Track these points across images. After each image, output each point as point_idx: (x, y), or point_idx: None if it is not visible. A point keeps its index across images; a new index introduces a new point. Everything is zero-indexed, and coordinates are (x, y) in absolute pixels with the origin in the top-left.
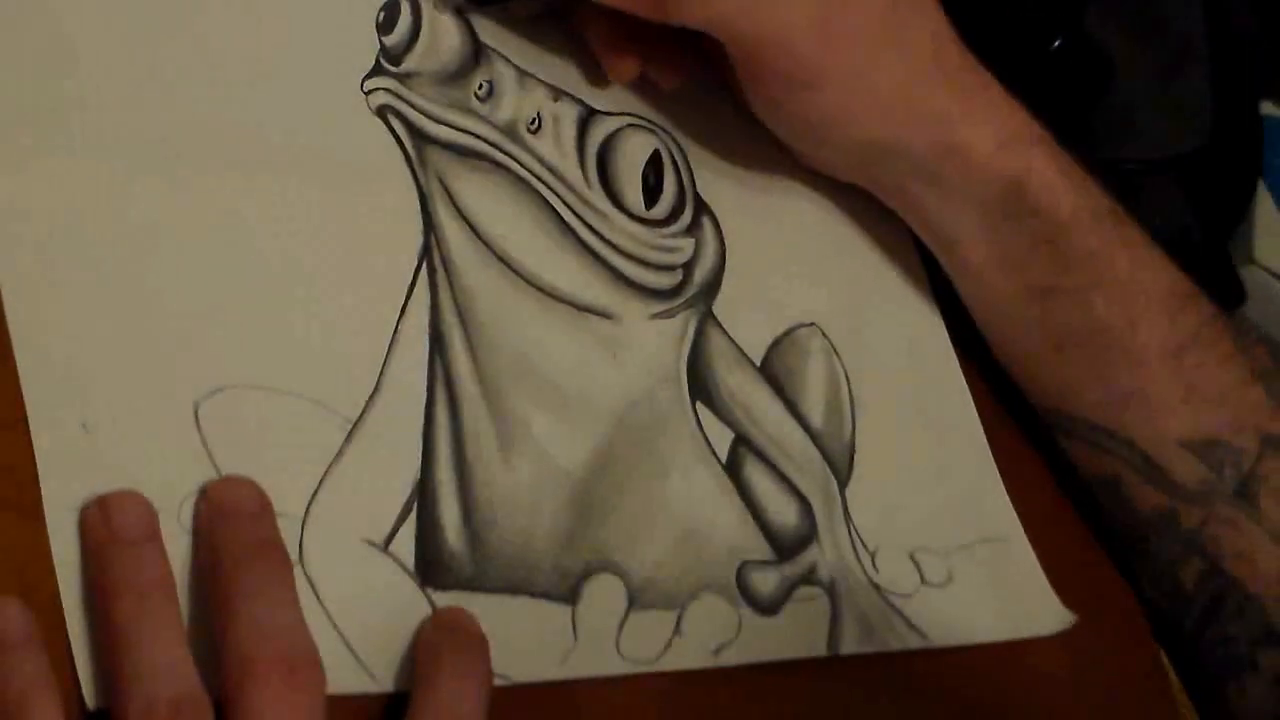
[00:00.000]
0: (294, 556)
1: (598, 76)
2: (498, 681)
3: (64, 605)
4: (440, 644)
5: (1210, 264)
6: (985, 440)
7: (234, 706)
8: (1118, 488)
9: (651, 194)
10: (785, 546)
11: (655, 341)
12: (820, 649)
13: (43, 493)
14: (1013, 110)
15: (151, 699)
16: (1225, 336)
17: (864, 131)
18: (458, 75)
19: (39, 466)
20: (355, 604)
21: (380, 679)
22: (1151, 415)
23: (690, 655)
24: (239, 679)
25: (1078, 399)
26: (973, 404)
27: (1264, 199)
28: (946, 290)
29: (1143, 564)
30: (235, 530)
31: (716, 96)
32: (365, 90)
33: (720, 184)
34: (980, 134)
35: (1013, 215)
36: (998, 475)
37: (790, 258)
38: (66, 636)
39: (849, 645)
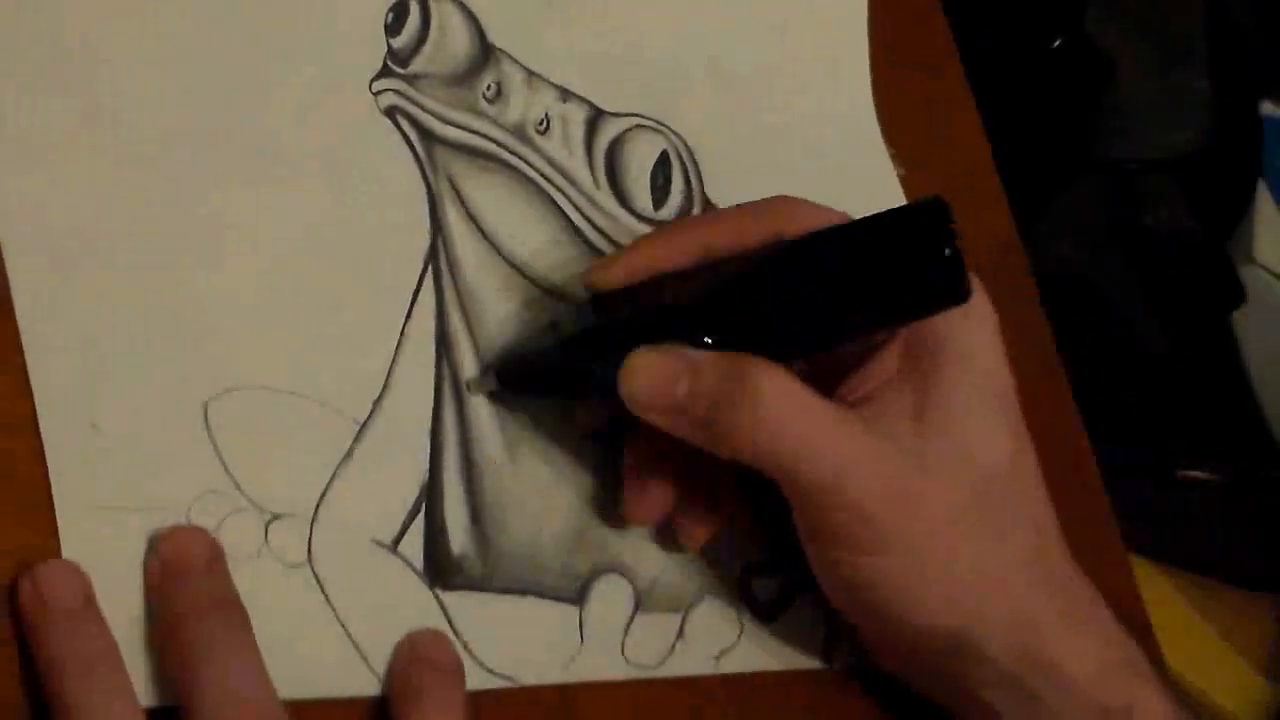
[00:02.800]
0: (303, 557)
1: (609, 75)
2: (501, 684)
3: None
4: (420, 679)
5: (1210, 264)
6: None
7: None
8: None
9: (659, 195)
10: (787, 551)
11: None
12: (816, 659)
13: (53, 493)
14: (1119, 634)
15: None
16: None
17: (931, 617)
18: (466, 76)
19: (49, 467)
20: (363, 604)
21: (388, 680)
22: None
23: (692, 661)
24: None
25: None
26: None
27: (1264, 199)
28: None
29: None
30: (188, 588)
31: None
32: (374, 91)
33: (728, 185)
34: (1080, 652)
35: None
36: None
37: None
38: None
39: (842, 657)
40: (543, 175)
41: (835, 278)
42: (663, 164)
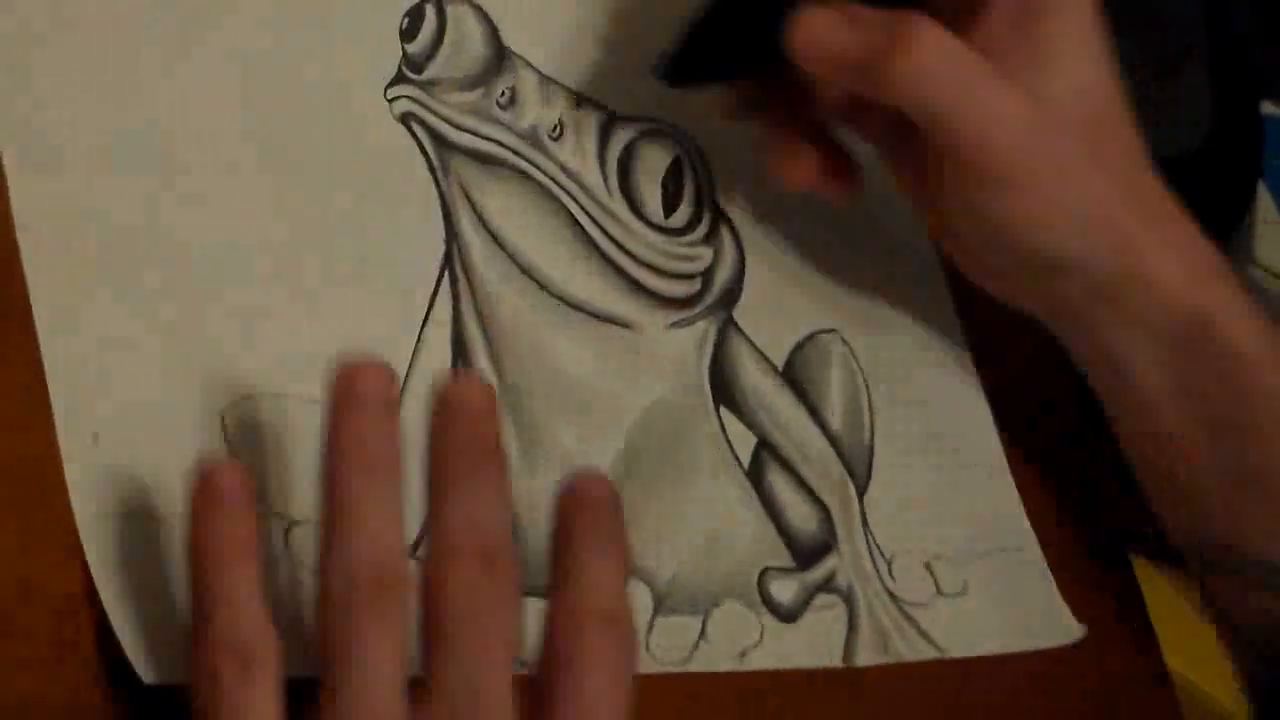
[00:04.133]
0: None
1: (622, 81)
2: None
3: (106, 608)
4: (589, 629)
5: None
6: (1001, 450)
7: (432, 586)
8: None
9: (670, 202)
10: (805, 554)
11: (675, 349)
12: (836, 658)
13: (71, 501)
14: (1203, 244)
15: (356, 567)
16: None
17: (1054, 242)
18: (480, 82)
19: (66, 474)
20: None
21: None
22: None
23: (717, 659)
24: (440, 561)
25: (1255, 538)
26: (990, 414)
27: (1264, 199)
28: (965, 300)
29: None
30: (461, 427)
31: None
32: (388, 98)
33: (740, 192)
34: (1170, 263)
35: (1197, 348)
36: (1013, 485)
37: (810, 266)
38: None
39: (864, 657)
40: (555, 181)
41: None
42: (675, 170)
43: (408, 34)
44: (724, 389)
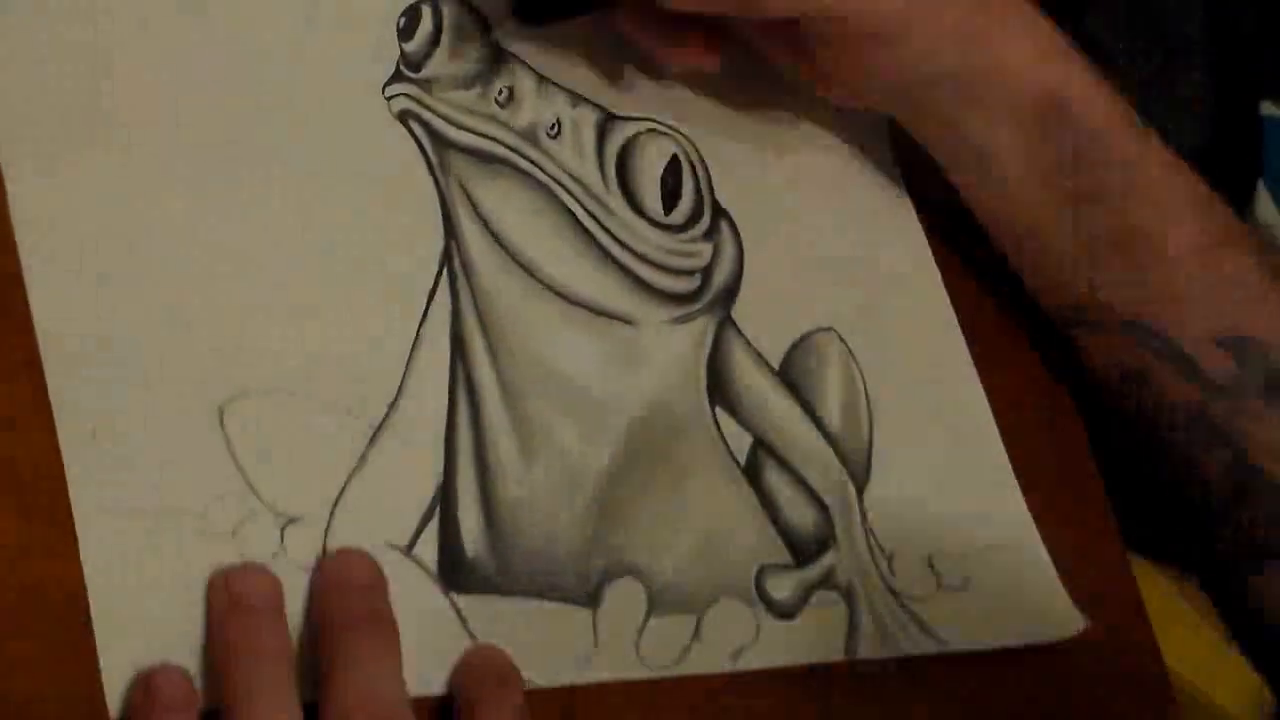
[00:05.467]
0: (317, 559)
1: (620, 79)
2: None
3: (92, 611)
4: (484, 690)
5: None
6: (1001, 444)
7: None
8: (1146, 380)
9: (670, 199)
10: (803, 550)
11: (674, 346)
12: (838, 654)
13: (70, 497)
14: (1045, 26)
15: None
16: (1247, 238)
17: (928, 68)
18: (478, 81)
19: (66, 470)
20: None
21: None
22: (1183, 311)
23: (709, 660)
24: None
25: (1110, 295)
26: (989, 408)
27: (1264, 199)
28: (966, 301)
29: (1167, 455)
30: (346, 601)
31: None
32: (386, 96)
33: (738, 189)
34: (1018, 49)
35: (1051, 125)
36: (1014, 479)
37: (808, 263)
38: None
39: (866, 650)
40: (554, 179)
41: None
42: (673, 168)
43: (405, 33)
44: (720, 388)
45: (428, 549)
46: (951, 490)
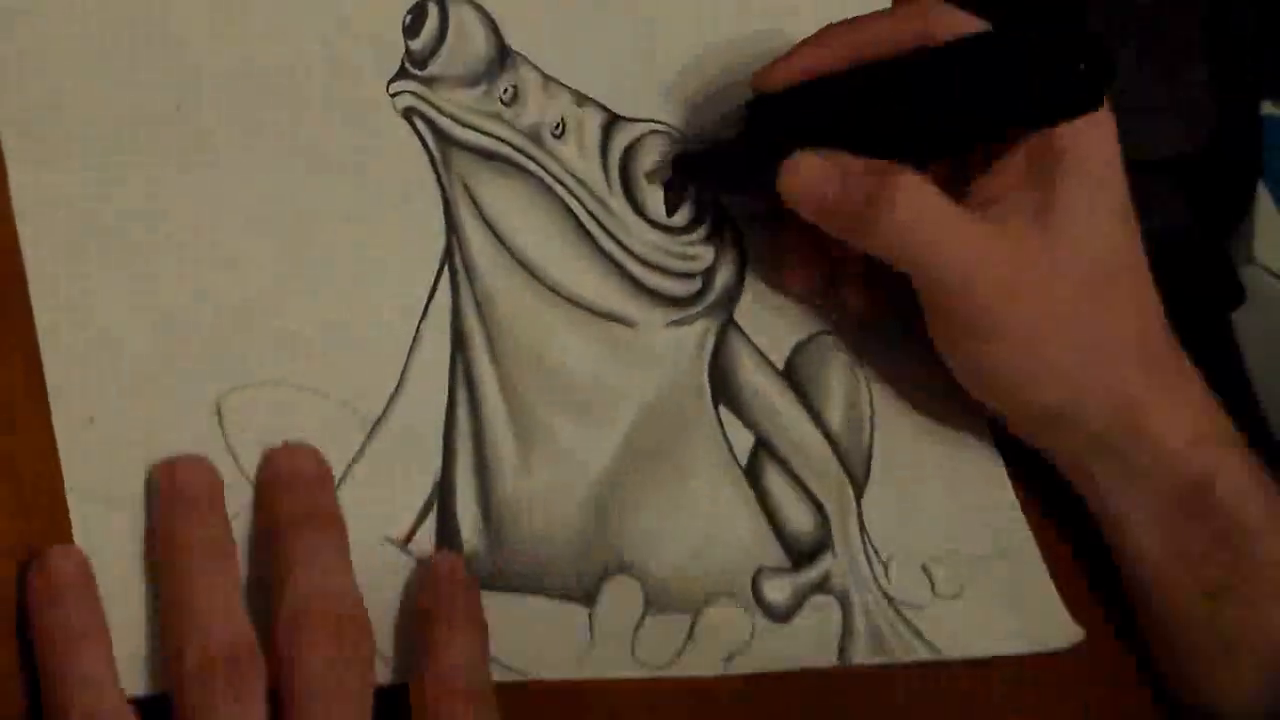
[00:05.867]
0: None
1: (625, 80)
2: (513, 677)
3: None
4: (442, 610)
5: (1210, 264)
6: (999, 454)
7: (284, 660)
8: None
9: (672, 201)
10: (800, 554)
11: (674, 347)
12: (831, 659)
13: (65, 485)
14: (1211, 407)
15: (207, 649)
16: None
17: (1039, 396)
18: (483, 79)
19: (62, 459)
20: (375, 601)
21: (400, 670)
22: None
23: (702, 662)
24: (289, 634)
25: (1242, 705)
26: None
27: (1264, 199)
28: None
29: None
30: (293, 497)
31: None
32: (391, 93)
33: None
34: (1174, 425)
35: (1196, 513)
36: (1011, 489)
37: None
38: None
39: (859, 656)
40: (556, 179)
41: (978, 82)
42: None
43: (411, 30)
44: (723, 388)
45: (425, 544)
46: (949, 497)
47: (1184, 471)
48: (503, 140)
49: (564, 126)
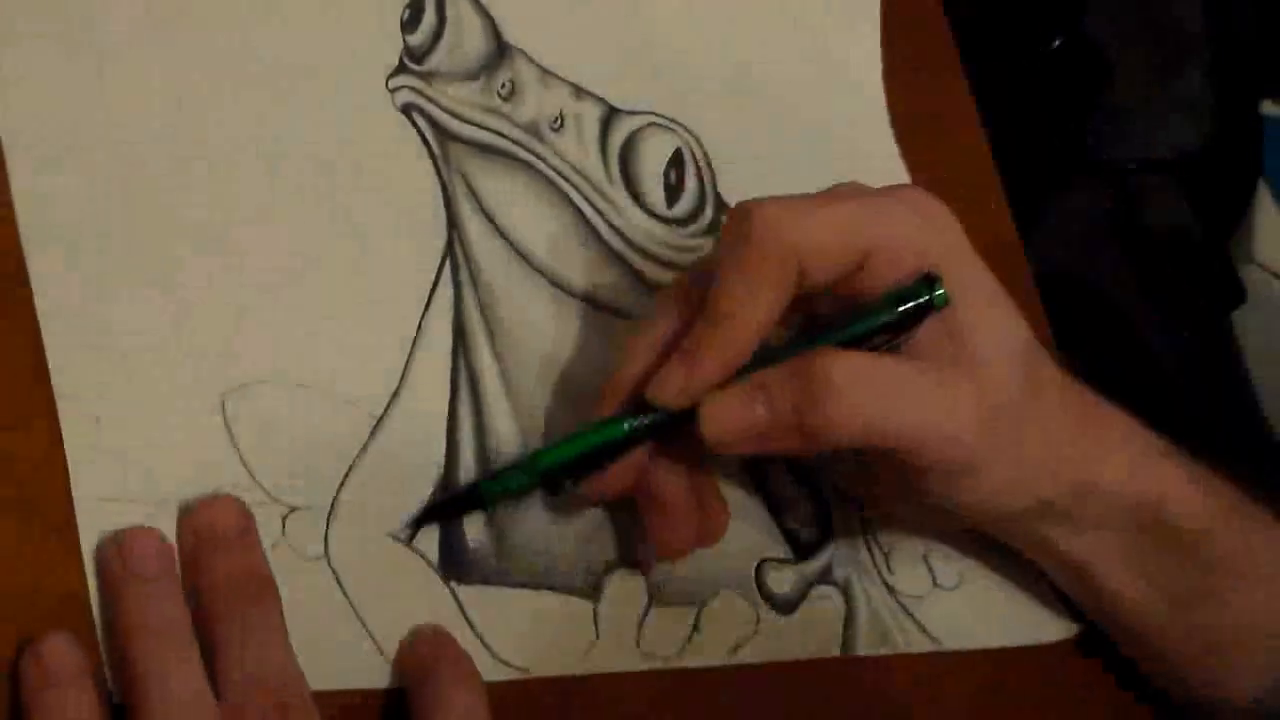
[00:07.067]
0: (319, 550)
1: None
2: (516, 675)
3: (91, 599)
4: (437, 660)
5: (1210, 264)
6: None
7: None
8: None
9: (673, 193)
10: (803, 545)
11: None
12: (834, 649)
13: (71, 486)
14: (1137, 431)
15: None
16: None
17: (1015, 500)
18: (481, 74)
19: (68, 459)
20: (379, 597)
21: (401, 673)
22: None
23: (708, 653)
24: (236, 714)
25: (1237, 691)
26: None
27: (1264, 199)
28: None
29: None
30: (222, 558)
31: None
32: (390, 88)
33: (742, 184)
34: (1114, 465)
35: (1150, 533)
36: None
37: None
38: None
39: (862, 647)
40: (557, 172)
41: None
42: (676, 162)
43: (409, 25)
44: None
45: (429, 540)
46: None
47: (1132, 500)
48: (502, 134)
49: (563, 120)
